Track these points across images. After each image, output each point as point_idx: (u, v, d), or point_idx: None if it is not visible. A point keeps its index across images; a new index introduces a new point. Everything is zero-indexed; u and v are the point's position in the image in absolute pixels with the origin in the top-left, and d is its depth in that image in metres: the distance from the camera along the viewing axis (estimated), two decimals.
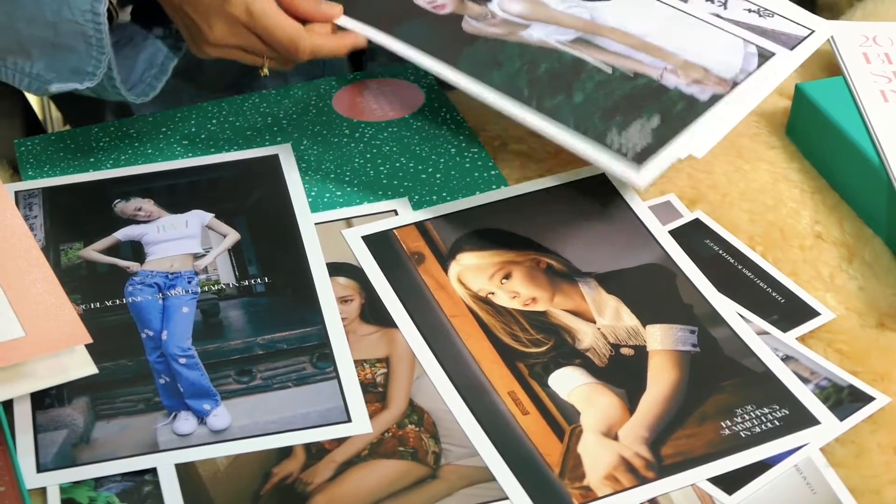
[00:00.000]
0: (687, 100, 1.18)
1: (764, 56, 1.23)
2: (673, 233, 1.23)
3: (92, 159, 1.32)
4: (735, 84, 1.20)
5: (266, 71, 1.23)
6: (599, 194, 1.27)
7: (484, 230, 1.23)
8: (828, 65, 1.41)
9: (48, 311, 1.05)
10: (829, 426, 1.06)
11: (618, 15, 1.27)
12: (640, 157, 1.12)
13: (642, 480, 1.02)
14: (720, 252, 1.21)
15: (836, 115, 1.29)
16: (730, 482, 1.02)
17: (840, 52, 1.37)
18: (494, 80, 1.19)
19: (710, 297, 1.16)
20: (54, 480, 1.02)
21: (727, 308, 1.15)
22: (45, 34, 1.18)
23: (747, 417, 1.06)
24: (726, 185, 1.29)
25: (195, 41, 1.22)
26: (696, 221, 1.25)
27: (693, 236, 1.23)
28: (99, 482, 1.02)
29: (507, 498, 1.01)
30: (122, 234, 1.22)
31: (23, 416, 1.07)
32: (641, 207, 1.25)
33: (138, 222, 1.23)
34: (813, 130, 1.32)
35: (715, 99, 1.18)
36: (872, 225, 1.24)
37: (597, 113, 1.16)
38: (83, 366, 1.04)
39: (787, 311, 1.16)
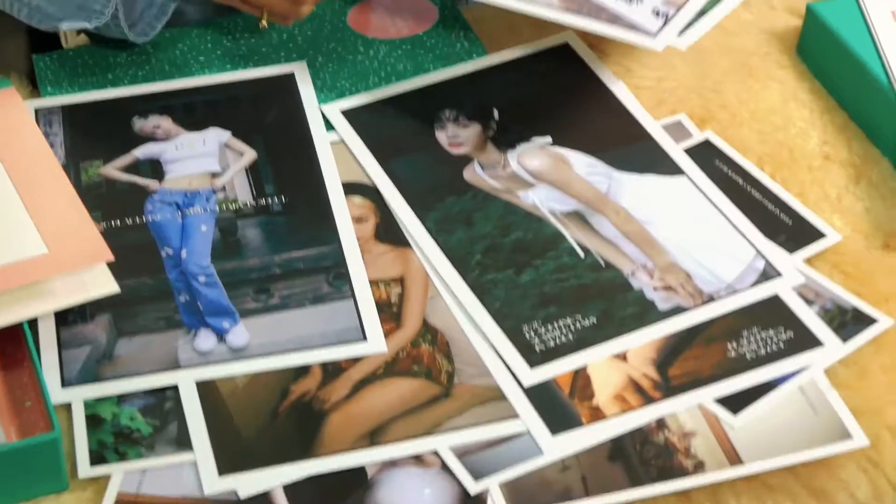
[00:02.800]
0: (641, 306, 1.11)
1: (767, 276, 1.13)
2: (685, 152, 1.25)
3: (110, 76, 1.34)
4: (710, 299, 1.11)
5: (265, 23, 1.25)
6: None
7: None
8: None
9: (70, 228, 1.07)
10: (832, 348, 1.08)
11: (637, 192, 1.21)
12: (546, 357, 1.08)
13: (650, 400, 1.05)
14: (729, 173, 1.23)
15: (847, 35, 1.30)
16: (735, 403, 1.05)
17: None
18: (451, 240, 1.17)
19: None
20: (78, 396, 1.05)
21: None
22: None
23: (753, 339, 1.09)
24: (736, 105, 1.31)
25: None
26: (707, 142, 1.26)
27: (703, 157, 1.24)
28: (121, 398, 1.05)
29: (517, 416, 1.04)
30: (141, 151, 1.24)
31: (47, 332, 1.09)
32: (653, 125, 1.27)
33: (156, 140, 1.25)
34: (823, 50, 1.33)
35: (675, 311, 1.11)
36: (880, 146, 1.26)
37: (532, 299, 1.12)
38: (105, 284, 1.07)
39: (794, 232, 1.18)
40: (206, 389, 1.06)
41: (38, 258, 1.04)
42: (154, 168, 1.23)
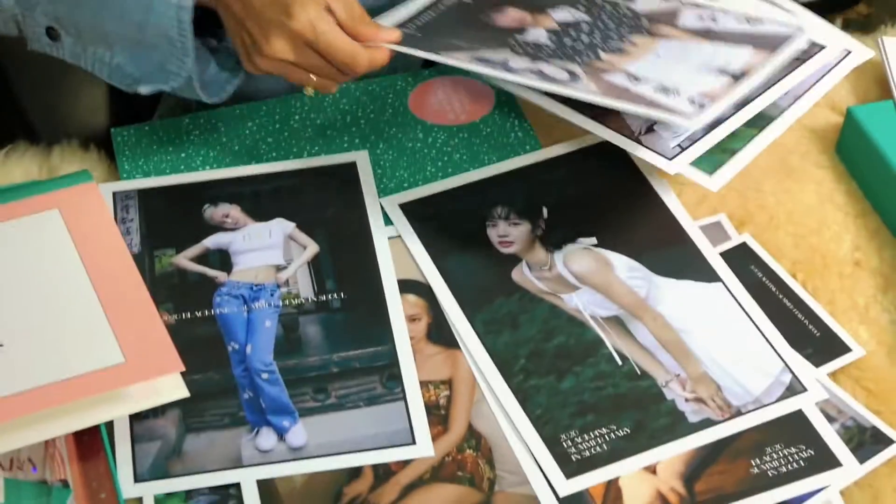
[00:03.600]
0: (673, 417, 1.18)
1: (793, 390, 1.20)
2: (722, 255, 1.32)
3: (182, 154, 1.42)
4: (738, 413, 1.18)
5: (311, 91, 1.30)
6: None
7: None
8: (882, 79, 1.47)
9: (145, 337, 1.16)
10: (849, 468, 1.16)
11: (674, 299, 1.27)
12: (581, 467, 1.15)
13: None
14: (763, 279, 1.30)
15: (883, 141, 1.37)
16: None
17: (892, 71, 1.44)
18: (497, 343, 1.24)
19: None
20: (150, 491, 1.14)
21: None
22: (130, 32, 1.26)
23: (776, 456, 1.16)
24: (774, 206, 1.37)
25: (249, 54, 1.28)
26: (744, 245, 1.33)
27: (740, 261, 1.31)
28: (188, 494, 1.14)
29: None
30: (212, 241, 1.32)
31: (121, 425, 1.18)
32: (693, 228, 1.34)
33: (225, 229, 1.33)
34: (860, 154, 1.39)
35: (704, 424, 1.18)
36: None
37: (570, 407, 1.19)
38: (175, 389, 1.15)
39: (821, 344, 1.25)
40: (266, 489, 1.15)
41: (116, 368, 1.12)
42: (222, 259, 1.31)
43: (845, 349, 1.25)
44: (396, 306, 1.27)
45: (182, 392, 1.15)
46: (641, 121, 1.32)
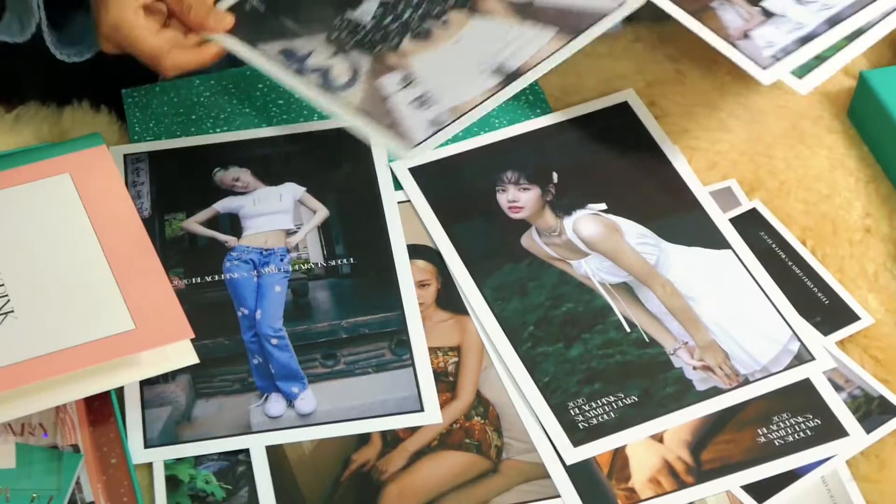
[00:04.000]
0: (681, 385, 1.19)
1: (801, 359, 1.21)
2: (732, 221, 1.32)
3: (193, 116, 1.42)
4: (746, 381, 1.19)
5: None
6: None
7: None
8: None
9: (156, 303, 1.16)
10: (856, 438, 1.16)
11: (684, 266, 1.27)
12: (589, 435, 1.16)
13: (682, 485, 1.14)
14: (773, 246, 1.30)
15: (894, 106, 1.36)
16: (760, 490, 1.13)
17: None
18: (506, 309, 1.24)
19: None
20: (160, 456, 1.15)
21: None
22: None
23: (783, 425, 1.17)
24: (785, 172, 1.37)
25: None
26: (754, 211, 1.33)
27: (749, 227, 1.31)
28: (198, 460, 1.15)
29: (559, 496, 1.13)
30: (222, 206, 1.33)
31: (131, 390, 1.19)
32: (704, 194, 1.34)
33: (236, 193, 1.34)
34: (872, 118, 1.38)
35: (712, 392, 1.18)
36: None
37: (578, 374, 1.20)
38: (185, 355, 1.16)
39: (829, 312, 1.25)
40: (275, 455, 1.15)
41: (126, 334, 1.13)
42: (233, 223, 1.31)
43: (854, 317, 1.25)
44: (406, 272, 1.27)
45: (192, 358, 1.15)
46: (741, 22, 1.30)
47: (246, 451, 1.16)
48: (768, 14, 1.27)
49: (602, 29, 1.29)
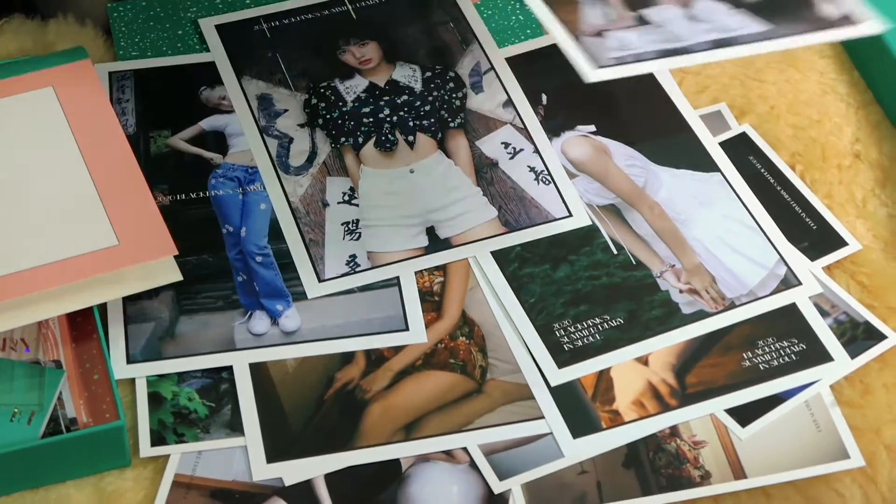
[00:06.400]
0: (667, 308, 1.18)
1: (787, 283, 1.20)
2: (721, 145, 1.31)
3: (180, 31, 1.40)
4: (732, 305, 1.19)
5: None
6: None
7: None
8: None
9: (139, 219, 1.15)
10: (841, 363, 1.16)
11: (672, 188, 1.27)
12: (574, 356, 1.15)
13: (666, 408, 1.13)
14: (762, 170, 1.30)
15: (889, 31, 1.34)
16: (744, 414, 1.13)
17: None
18: None
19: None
20: (142, 372, 1.15)
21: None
22: None
23: (767, 350, 1.17)
24: (775, 96, 1.36)
25: None
26: (743, 135, 1.32)
27: (739, 151, 1.30)
28: (181, 377, 1.15)
29: (542, 416, 1.13)
30: (207, 123, 1.31)
31: (114, 306, 1.18)
32: (693, 117, 1.33)
33: (222, 111, 1.32)
34: (864, 43, 1.37)
35: (698, 316, 1.18)
36: None
37: (564, 296, 1.19)
38: (169, 272, 1.15)
39: (817, 237, 1.25)
40: (259, 372, 1.15)
41: (110, 250, 1.12)
42: (218, 141, 1.30)
43: (841, 243, 1.24)
44: None
45: (175, 275, 1.15)
46: (602, 21, 1.27)
47: (229, 369, 1.15)
48: (644, 22, 1.21)
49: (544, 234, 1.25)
